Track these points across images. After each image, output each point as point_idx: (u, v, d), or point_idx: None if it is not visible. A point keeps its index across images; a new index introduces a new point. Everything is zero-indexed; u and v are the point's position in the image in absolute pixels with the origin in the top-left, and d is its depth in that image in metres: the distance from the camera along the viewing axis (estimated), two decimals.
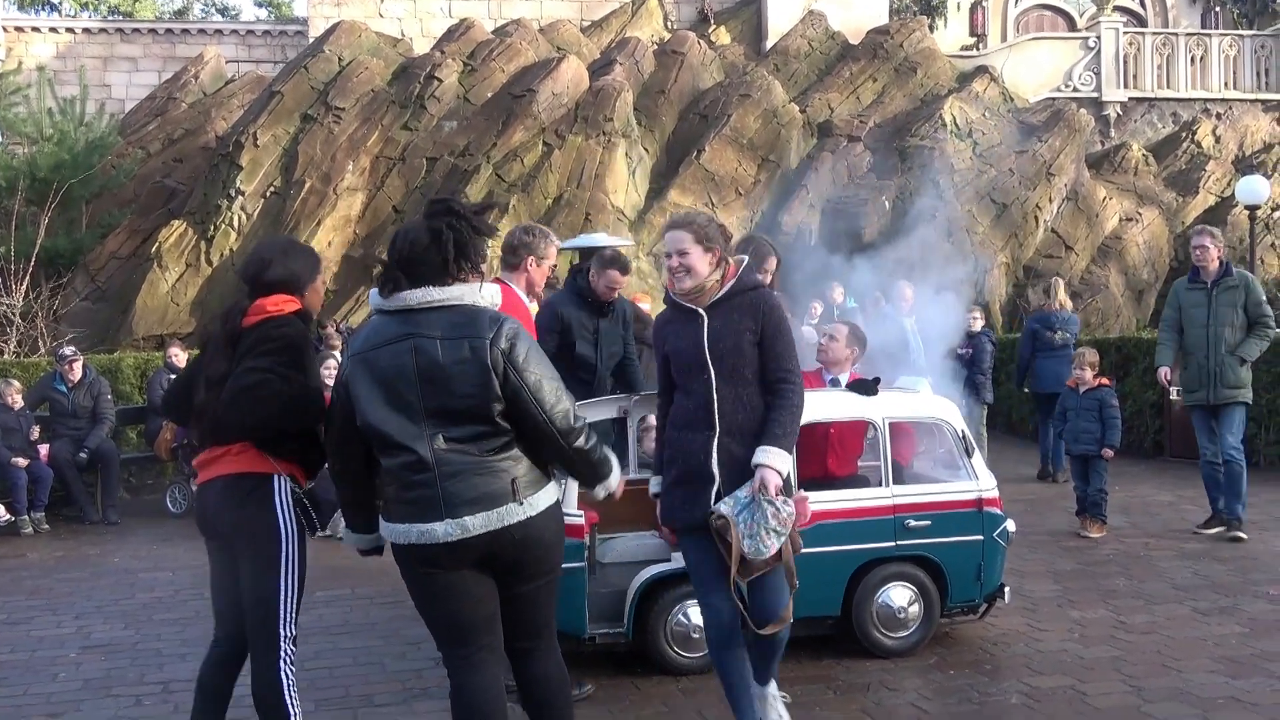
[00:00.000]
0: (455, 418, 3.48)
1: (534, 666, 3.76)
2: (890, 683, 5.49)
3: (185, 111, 21.31)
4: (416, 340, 3.49)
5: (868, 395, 5.88)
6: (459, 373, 3.47)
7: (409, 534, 3.52)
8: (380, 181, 17.34)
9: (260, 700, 3.98)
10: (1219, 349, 8.57)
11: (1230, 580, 7.32)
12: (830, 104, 20.35)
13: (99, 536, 10.08)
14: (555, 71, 18.08)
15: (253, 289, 4.06)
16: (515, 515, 3.51)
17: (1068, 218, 19.74)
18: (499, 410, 3.49)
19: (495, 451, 3.52)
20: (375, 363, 3.54)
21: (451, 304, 3.54)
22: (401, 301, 3.54)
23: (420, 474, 3.48)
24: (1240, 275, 8.74)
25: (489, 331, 3.51)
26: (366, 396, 3.53)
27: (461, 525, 3.47)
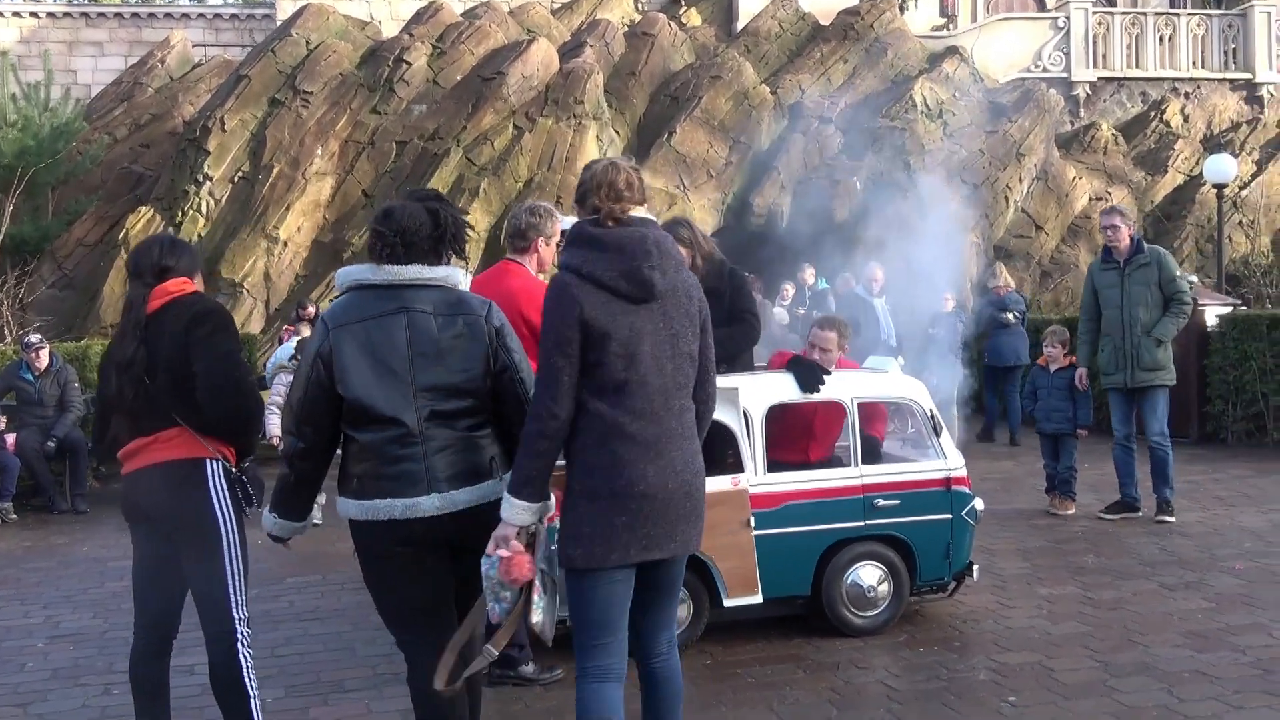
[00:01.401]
0: (445, 392, 3.52)
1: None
2: (860, 661, 5.52)
3: (152, 96, 21.07)
4: (410, 314, 3.53)
5: (807, 390, 5.84)
6: (453, 347, 3.54)
7: (391, 509, 3.49)
8: (349, 166, 17.22)
9: (218, 683, 3.98)
10: (1134, 330, 8.38)
11: (1196, 556, 7.39)
12: (801, 85, 20.32)
13: (67, 526, 10.00)
14: (525, 54, 17.98)
15: (155, 279, 4.06)
16: (495, 492, 3.56)
17: (1038, 197, 19.82)
18: (485, 387, 3.57)
19: (476, 428, 3.59)
20: (363, 335, 3.52)
21: (439, 283, 3.60)
22: (392, 276, 3.56)
23: (407, 447, 3.49)
24: (1152, 252, 8.55)
25: (482, 310, 3.63)
26: (353, 368, 3.51)
27: (449, 499, 3.51)
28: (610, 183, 3.55)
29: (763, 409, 5.72)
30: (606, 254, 3.47)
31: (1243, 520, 8.43)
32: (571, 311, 3.42)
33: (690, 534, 3.57)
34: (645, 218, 3.63)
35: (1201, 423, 12.45)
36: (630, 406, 3.44)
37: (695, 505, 3.58)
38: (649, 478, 3.44)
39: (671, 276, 3.53)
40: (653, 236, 3.54)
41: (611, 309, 3.43)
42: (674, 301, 3.53)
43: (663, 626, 3.69)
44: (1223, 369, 12.23)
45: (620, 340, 3.42)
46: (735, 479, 5.54)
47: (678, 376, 3.53)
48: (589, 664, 3.50)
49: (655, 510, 3.45)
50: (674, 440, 3.50)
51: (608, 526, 3.43)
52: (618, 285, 3.45)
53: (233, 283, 16.19)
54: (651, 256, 3.48)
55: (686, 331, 3.56)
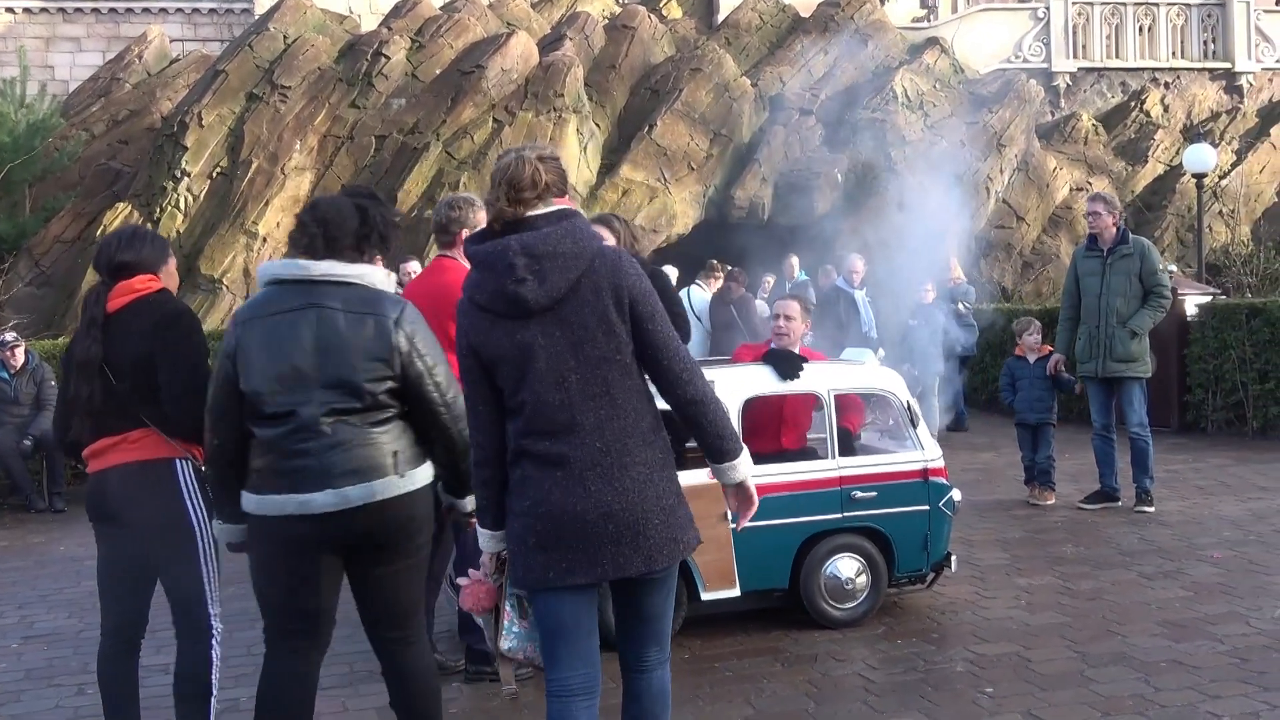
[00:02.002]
0: (347, 390, 3.45)
1: (400, 659, 3.68)
2: (838, 653, 5.51)
3: (129, 92, 20.96)
4: (320, 310, 3.47)
5: (786, 378, 5.84)
6: (358, 346, 3.45)
7: (285, 505, 3.45)
8: (328, 161, 17.15)
9: (186, 680, 3.95)
10: (1110, 320, 8.33)
11: (1175, 545, 7.40)
12: (782, 77, 20.32)
13: (45, 525, 9.93)
14: (504, 47, 17.92)
15: (111, 275, 4.03)
16: (395, 489, 3.49)
17: (1018, 188, 19.86)
18: (389, 388, 3.49)
19: (378, 424, 3.50)
20: (270, 330, 3.49)
21: (353, 281, 3.52)
22: (304, 271, 3.50)
23: (304, 442, 3.44)
24: (1136, 243, 8.49)
25: (394, 311, 3.53)
26: (256, 362, 3.49)
27: (342, 495, 3.43)
28: (511, 180, 3.22)
29: (739, 402, 5.69)
30: (479, 273, 3.25)
31: (1222, 509, 8.45)
32: (461, 339, 3.28)
33: (625, 557, 3.20)
34: (543, 211, 3.24)
35: (1182, 412, 12.48)
36: (531, 427, 3.20)
37: (624, 527, 3.18)
38: (553, 500, 3.18)
39: (556, 280, 3.16)
40: (518, 245, 3.17)
41: (496, 332, 3.20)
42: (571, 306, 3.18)
43: (642, 644, 3.43)
44: (1203, 358, 12.25)
45: (510, 361, 3.20)
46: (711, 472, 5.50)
47: (588, 387, 3.19)
48: (551, 676, 3.34)
49: (566, 534, 3.18)
50: (588, 459, 3.18)
51: (524, 546, 3.24)
52: (494, 306, 3.21)
53: (212, 279, 16.11)
54: (515, 270, 3.15)
55: (596, 334, 3.19)
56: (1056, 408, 9.07)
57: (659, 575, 3.32)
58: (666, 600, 3.43)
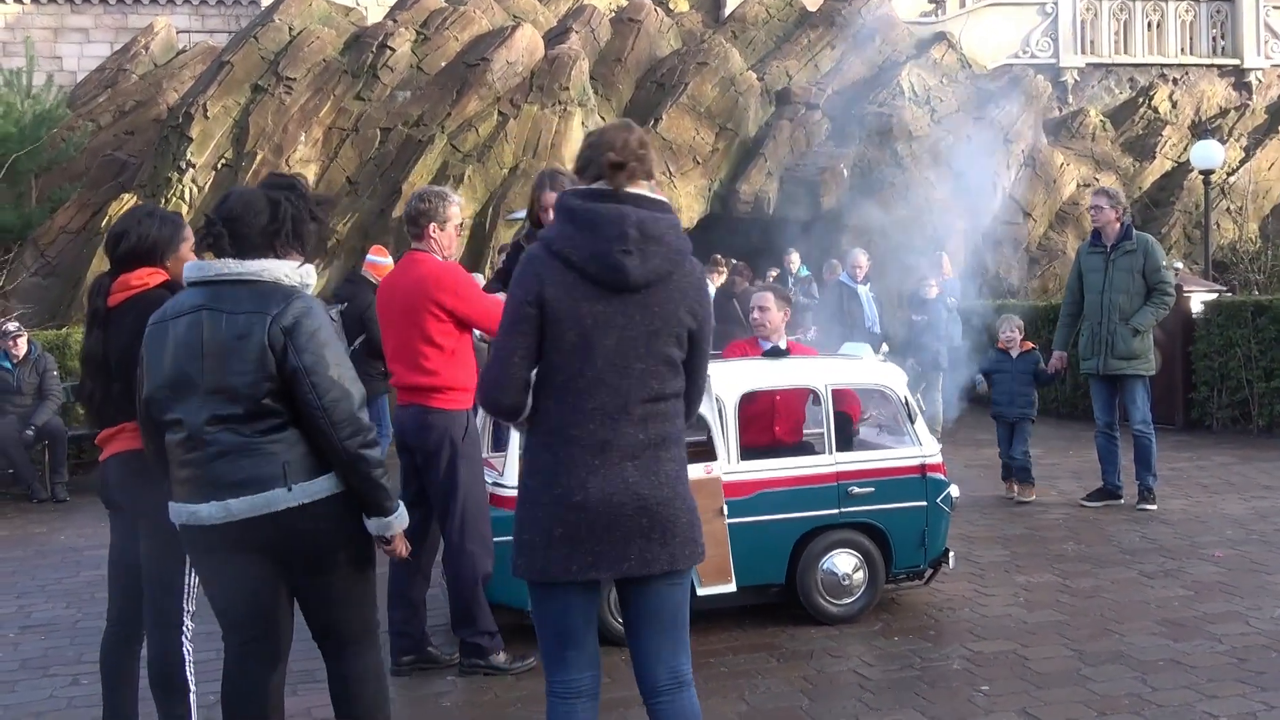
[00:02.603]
0: (227, 396, 3.30)
1: (335, 664, 3.56)
2: (834, 650, 5.49)
3: (136, 83, 20.93)
4: (206, 313, 3.35)
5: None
6: (235, 349, 3.30)
7: (180, 514, 3.40)
8: (333, 153, 17.10)
9: (158, 676, 3.94)
10: (1112, 316, 8.28)
11: (1177, 543, 7.36)
12: (788, 71, 20.24)
13: (46, 514, 9.94)
14: (510, 40, 17.86)
15: (114, 263, 4.01)
16: (282, 502, 3.30)
17: (1025, 184, 19.75)
18: (268, 389, 3.29)
19: (266, 433, 3.32)
20: (167, 334, 3.42)
21: (250, 278, 3.37)
22: (200, 272, 3.42)
23: (191, 452, 3.34)
24: (1140, 239, 8.44)
25: (274, 308, 3.32)
26: (154, 368, 3.43)
27: (225, 508, 3.30)
28: (624, 141, 3.15)
29: (735, 396, 5.67)
30: (581, 231, 3.09)
31: (1225, 508, 8.41)
32: (530, 288, 3.07)
33: (653, 553, 3.11)
34: (650, 196, 3.18)
35: (1187, 410, 12.43)
36: (579, 406, 3.08)
37: (657, 522, 3.11)
38: (589, 488, 3.06)
39: (657, 265, 3.10)
40: (636, 216, 3.09)
41: (576, 293, 3.06)
42: (661, 295, 3.11)
43: (661, 659, 3.24)
44: (1208, 355, 12.20)
45: (579, 329, 3.06)
46: (708, 467, 5.50)
47: (648, 380, 3.11)
48: (553, 679, 3.22)
49: (598, 525, 3.06)
50: (630, 449, 3.09)
51: (546, 536, 3.09)
52: (586, 267, 3.06)
53: None
54: (628, 238, 3.07)
55: (669, 331, 3.13)
56: (1037, 403, 9.01)
57: (679, 577, 3.22)
58: (686, 603, 3.28)
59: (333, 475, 3.36)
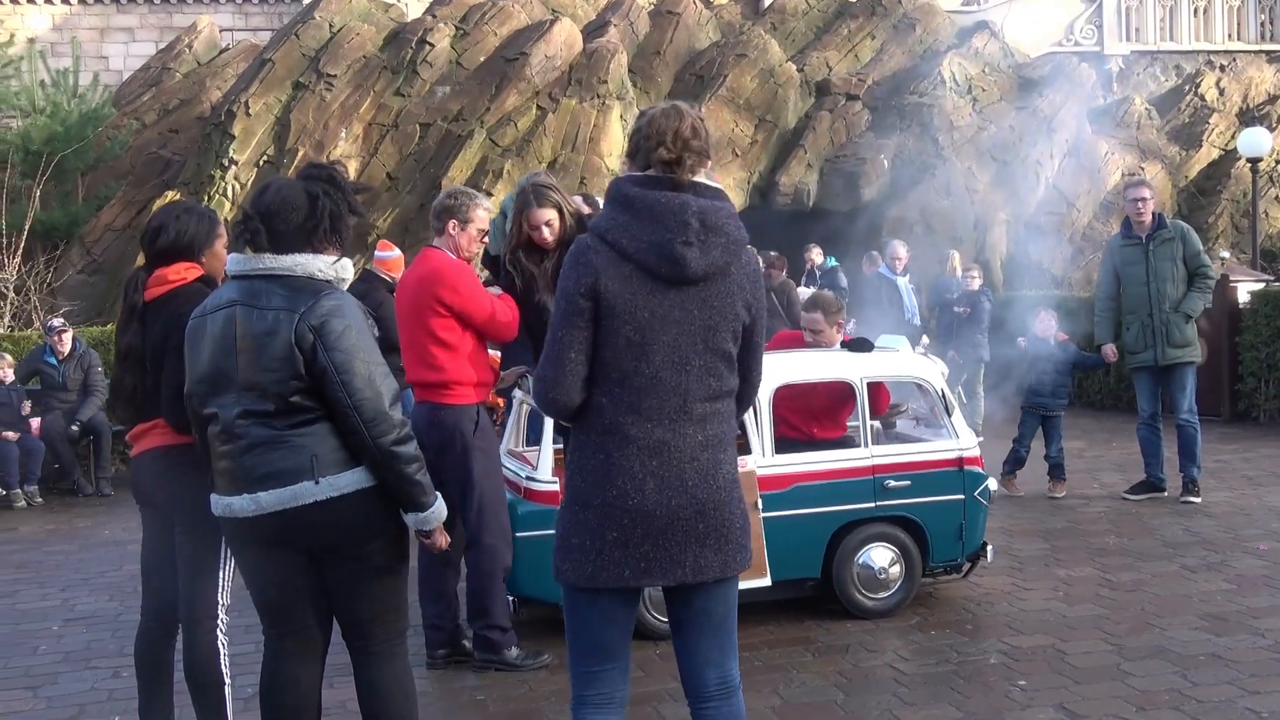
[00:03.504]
0: (259, 391, 3.31)
1: (363, 670, 3.52)
2: (870, 644, 5.45)
3: (180, 82, 21.15)
4: (240, 308, 3.35)
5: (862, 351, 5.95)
6: (265, 345, 3.29)
7: (218, 506, 3.44)
8: (373, 149, 17.21)
9: (194, 668, 3.96)
10: (1163, 306, 8.16)
11: (1221, 537, 7.26)
12: (828, 62, 20.13)
13: (91, 509, 10.07)
14: (548, 34, 17.90)
15: (150, 258, 4.03)
16: (310, 495, 3.29)
17: (1069, 174, 19.54)
18: (297, 388, 3.28)
19: (296, 426, 3.31)
20: (205, 329, 3.43)
21: (283, 274, 3.36)
22: (238, 266, 3.42)
23: (225, 445, 3.37)
24: (1175, 226, 8.37)
25: (303, 305, 3.29)
26: (194, 363, 3.45)
27: (255, 501, 3.31)
28: (675, 131, 2.98)
29: (770, 389, 5.64)
30: (638, 220, 2.95)
31: (1271, 500, 8.28)
32: (585, 278, 2.93)
33: (706, 560, 2.99)
34: (707, 184, 3.05)
35: (1233, 401, 12.25)
36: (636, 405, 2.94)
37: (712, 527, 2.99)
38: (647, 491, 2.93)
39: (717, 257, 2.97)
40: (697, 206, 2.96)
41: (633, 285, 2.92)
42: (719, 288, 2.99)
43: (710, 662, 3.10)
44: (1255, 346, 12.02)
45: (636, 324, 2.92)
46: (743, 460, 5.46)
47: (706, 378, 2.99)
48: (584, 693, 3.07)
49: (654, 530, 2.94)
50: (688, 451, 2.97)
51: (598, 540, 2.95)
52: (644, 259, 2.92)
53: None
54: (690, 229, 2.93)
55: (726, 326, 3.01)
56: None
57: (731, 580, 3.12)
58: (735, 605, 3.17)
59: (363, 469, 3.34)
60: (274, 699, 3.50)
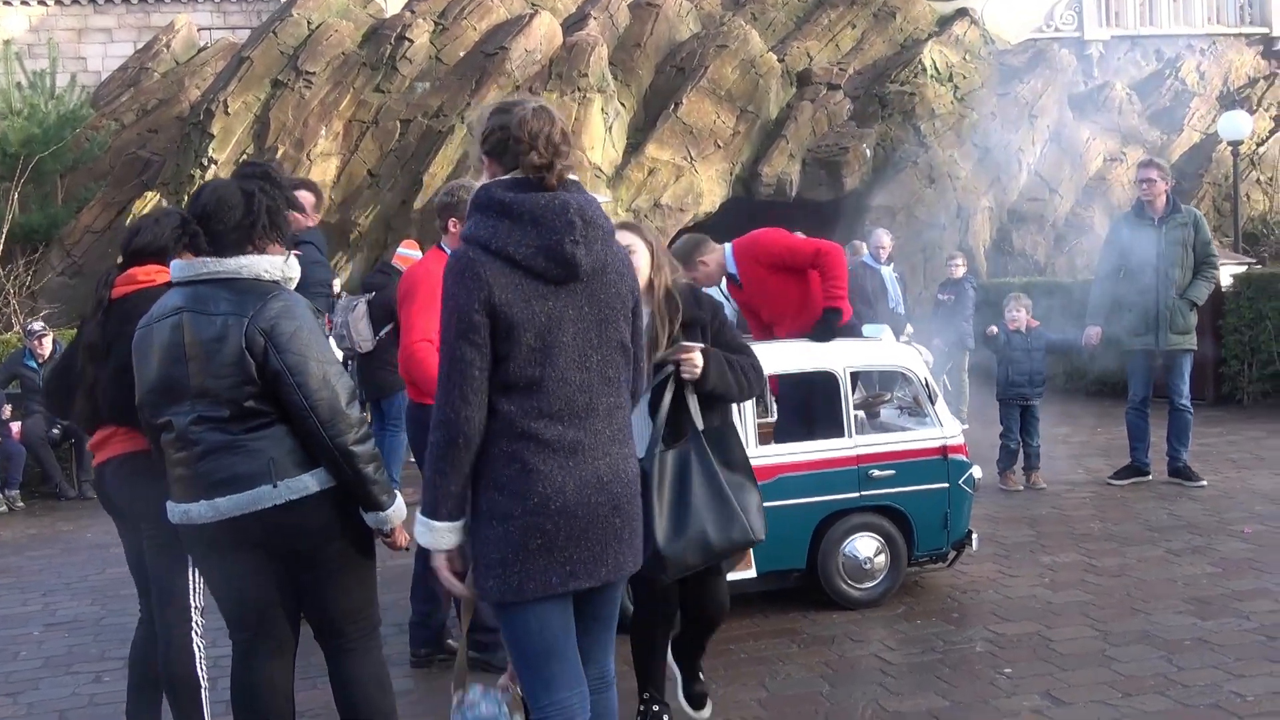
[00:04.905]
0: (212, 397, 3.27)
1: (338, 667, 3.51)
2: (855, 634, 5.44)
3: (158, 81, 21.01)
4: (187, 314, 3.32)
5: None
6: (214, 351, 3.26)
7: (175, 513, 3.39)
8: (354, 146, 17.12)
9: (168, 673, 3.93)
10: (1169, 291, 8.07)
11: (1205, 520, 7.27)
12: (809, 52, 20.09)
13: (74, 512, 10.01)
14: (528, 28, 17.82)
15: (125, 258, 4.03)
16: (268, 499, 3.26)
17: (1051, 159, 19.54)
18: (251, 392, 3.26)
19: (252, 430, 3.28)
20: (152, 338, 3.40)
21: (229, 277, 3.32)
22: (180, 272, 3.37)
23: (181, 452, 3.33)
24: (1189, 212, 8.27)
25: (252, 308, 3.26)
26: (142, 371, 3.42)
27: (213, 507, 3.28)
28: (547, 136, 2.93)
29: None
30: (520, 226, 2.89)
31: (1255, 483, 8.30)
32: (476, 293, 2.85)
33: (624, 557, 3.01)
34: (573, 179, 3.05)
35: (1217, 384, 12.27)
36: (545, 408, 2.90)
37: (626, 523, 3.00)
38: (567, 493, 2.89)
39: (599, 252, 2.97)
40: (576, 204, 2.95)
41: (525, 292, 2.87)
42: (602, 281, 2.98)
43: (591, 660, 3.15)
44: (1238, 329, 12.05)
45: (535, 330, 2.87)
46: None
47: (606, 370, 2.98)
48: (545, 702, 3.00)
49: (577, 531, 2.90)
50: (600, 447, 2.95)
51: (520, 551, 2.88)
52: (534, 264, 2.88)
53: None
54: (575, 228, 2.91)
55: (617, 316, 3.01)
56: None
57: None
58: (620, 596, 3.21)
59: (321, 471, 3.31)
60: (247, 703, 3.46)
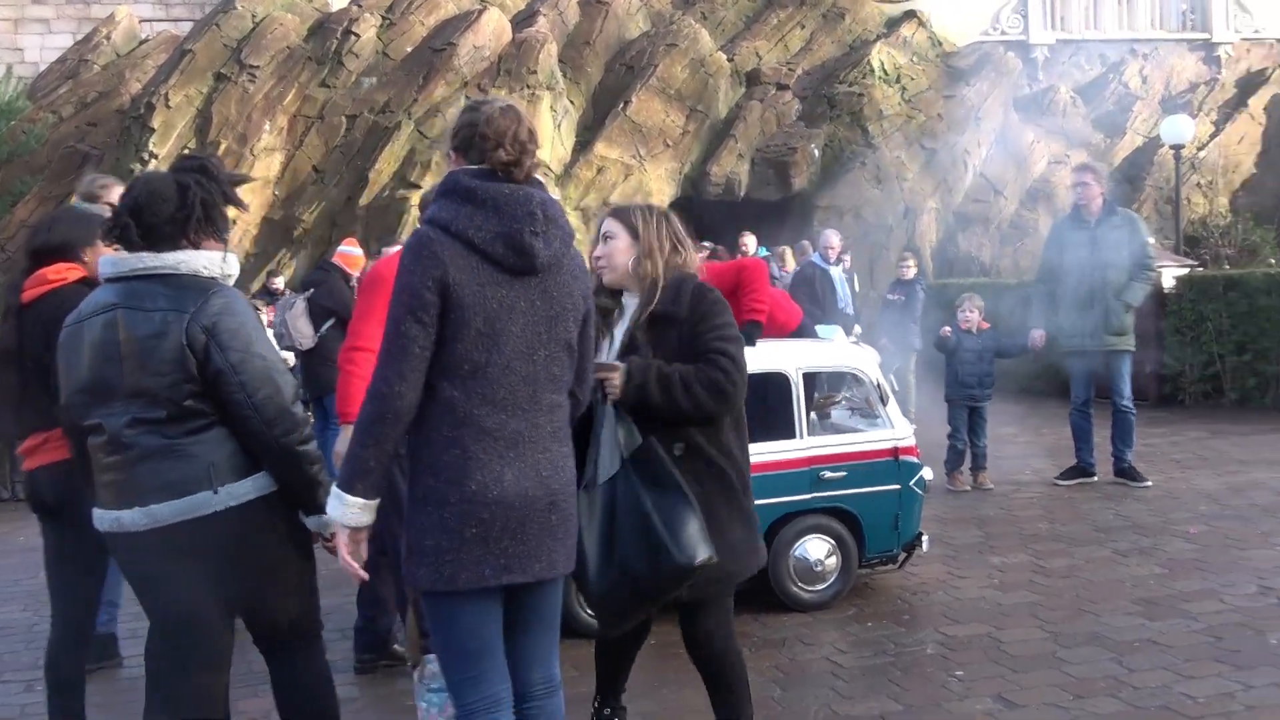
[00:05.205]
0: (150, 398, 3.11)
1: (280, 670, 3.41)
2: (807, 637, 5.41)
3: (98, 74, 20.65)
4: (121, 311, 3.15)
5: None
6: (153, 349, 3.10)
7: (103, 521, 3.22)
8: (298, 141, 16.91)
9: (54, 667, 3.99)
10: (1105, 293, 8.12)
11: (1151, 521, 7.32)
12: (758, 52, 20.11)
13: (8, 514, 9.75)
14: (476, 24, 17.69)
15: (28, 258, 3.92)
16: (209, 505, 3.11)
17: (996, 162, 19.71)
18: (190, 391, 3.11)
19: (192, 433, 3.13)
20: (83, 336, 3.22)
21: (166, 273, 3.17)
22: (113, 268, 3.22)
23: (112, 456, 3.15)
24: (1125, 215, 8.34)
25: (192, 305, 3.12)
26: (71, 369, 3.24)
27: (149, 514, 3.11)
28: (514, 135, 2.99)
29: None
30: (482, 212, 2.93)
31: (1198, 483, 8.37)
32: (431, 271, 2.87)
33: (558, 554, 3.02)
34: (538, 178, 3.12)
35: (1159, 385, 12.41)
36: (489, 395, 2.91)
37: (562, 520, 3.02)
38: (505, 483, 2.89)
39: (557, 248, 3.01)
40: (539, 198, 3.00)
41: (480, 276, 2.90)
42: (557, 279, 3.02)
43: (536, 661, 3.14)
44: (1180, 330, 12.19)
45: (485, 315, 2.89)
46: None
47: (551, 366, 3.01)
48: (468, 701, 2.99)
49: (513, 523, 2.90)
50: (541, 441, 2.97)
51: (455, 539, 2.87)
52: (492, 250, 2.91)
53: None
54: (536, 220, 2.95)
55: (568, 315, 3.04)
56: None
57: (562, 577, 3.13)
58: (561, 597, 3.18)
59: (262, 475, 3.20)
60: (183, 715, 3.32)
